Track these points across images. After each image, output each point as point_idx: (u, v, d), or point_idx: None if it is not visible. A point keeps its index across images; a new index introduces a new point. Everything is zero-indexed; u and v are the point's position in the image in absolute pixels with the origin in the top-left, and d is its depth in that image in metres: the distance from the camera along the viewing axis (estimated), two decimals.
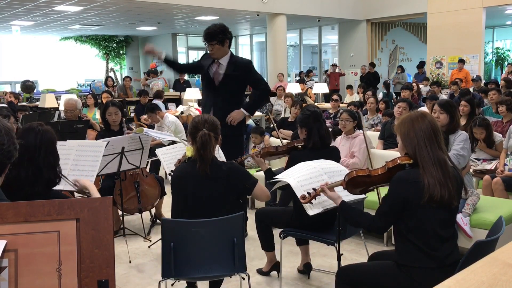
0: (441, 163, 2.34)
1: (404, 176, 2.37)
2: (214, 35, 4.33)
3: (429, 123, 2.39)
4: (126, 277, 3.88)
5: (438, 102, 4.17)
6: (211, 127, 2.84)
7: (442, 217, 2.35)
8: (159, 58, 4.87)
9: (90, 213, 1.48)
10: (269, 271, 3.78)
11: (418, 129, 2.37)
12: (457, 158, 3.86)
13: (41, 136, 2.39)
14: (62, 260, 1.43)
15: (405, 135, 2.42)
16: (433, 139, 2.37)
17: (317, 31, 18.79)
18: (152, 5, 12.22)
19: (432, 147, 2.35)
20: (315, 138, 3.49)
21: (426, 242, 2.34)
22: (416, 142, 2.37)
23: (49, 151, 2.40)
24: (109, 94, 9.25)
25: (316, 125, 3.51)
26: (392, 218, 2.41)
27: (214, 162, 2.83)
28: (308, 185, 2.86)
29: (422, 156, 2.35)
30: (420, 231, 2.34)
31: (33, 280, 1.41)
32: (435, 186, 2.28)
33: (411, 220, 2.35)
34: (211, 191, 2.81)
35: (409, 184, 2.33)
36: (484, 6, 12.83)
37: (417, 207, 2.32)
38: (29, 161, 2.32)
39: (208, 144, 2.76)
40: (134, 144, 4.38)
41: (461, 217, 3.79)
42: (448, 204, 2.32)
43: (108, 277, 1.45)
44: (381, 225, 2.45)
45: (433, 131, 2.38)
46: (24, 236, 1.43)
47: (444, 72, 13.77)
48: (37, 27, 15.74)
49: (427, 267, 2.33)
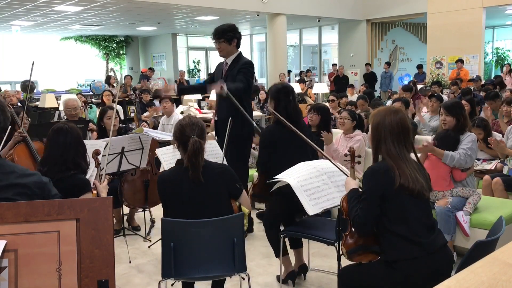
0: (407, 158, 2.41)
1: (375, 168, 2.44)
2: (222, 33, 4.37)
3: (399, 120, 2.43)
4: (126, 277, 3.88)
5: (444, 105, 4.16)
6: (200, 132, 2.80)
7: (420, 206, 2.40)
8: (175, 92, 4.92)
9: (90, 213, 1.48)
10: (285, 279, 3.64)
11: (388, 123, 2.42)
12: (465, 158, 3.87)
13: (71, 133, 2.97)
14: (62, 260, 1.44)
15: (374, 127, 2.48)
16: (400, 137, 2.41)
17: (317, 31, 18.78)
18: (152, 5, 12.22)
19: (398, 144, 2.41)
20: (282, 113, 3.45)
21: (410, 230, 2.35)
22: (382, 135, 2.42)
23: (78, 144, 2.98)
24: (110, 93, 9.24)
25: (284, 100, 3.52)
26: (373, 211, 2.38)
27: (207, 168, 2.80)
28: (308, 185, 2.86)
29: (389, 150, 2.41)
30: (402, 220, 2.37)
31: (33, 280, 1.41)
32: (407, 179, 2.35)
33: (391, 210, 2.37)
34: (204, 194, 2.79)
35: (381, 174, 2.39)
36: (484, 6, 12.82)
37: (393, 196, 2.36)
38: (61, 156, 2.90)
39: (200, 152, 2.73)
40: (134, 144, 4.38)
41: (462, 215, 3.79)
42: (420, 195, 2.38)
43: (108, 277, 1.45)
44: (363, 221, 2.40)
45: (402, 129, 2.42)
46: (24, 236, 1.43)
47: (444, 72, 13.76)
48: (37, 27, 15.74)
49: (415, 257, 2.33)
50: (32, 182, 1.91)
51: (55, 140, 2.96)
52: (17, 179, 1.88)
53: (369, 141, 2.57)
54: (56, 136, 2.97)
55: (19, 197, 1.86)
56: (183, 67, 19.74)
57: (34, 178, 1.94)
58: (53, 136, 2.99)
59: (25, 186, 1.88)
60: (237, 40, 4.44)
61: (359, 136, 4.80)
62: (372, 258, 2.56)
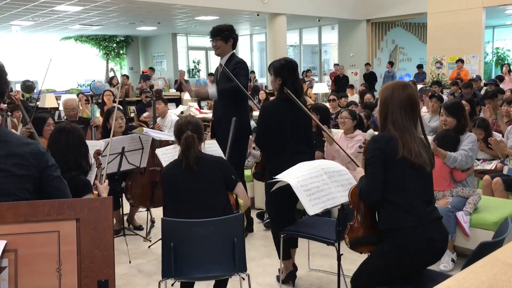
0: (413, 132, 2.43)
1: (378, 136, 2.50)
2: (220, 31, 4.43)
3: (408, 95, 2.43)
4: (126, 277, 3.88)
5: (445, 105, 4.16)
6: (194, 128, 2.96)
7: (419, 179, 2.41)
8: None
9: (90, 213, 1.47)
10: (285, 279, 3.65)
11: (396, 97, 2.43)
12: (466, 159, 3.87)
13: (73, 134, 2.97)
14: (62, 260, 1.43)
15: (382, 101, 2.49)
16: (408, 111, 2.43)
17: (317, 31, 18.78)
18: (152, 5, 12.21)
19: (406, 117, 2.42)
20: (290, 90, 3.42)
21: (406, 200, 2.38)
22: (390, 109, 2.43)
23: (80, 144, 2.99)
24: (111, 93, 9.23)
25: (291, 76, 3.48)
26: (377, 178, 2.39)
27: (202, 159, 2.93)
28: (309, 185, 2.86)
29: (395, 120, 2.42)
30: (400, 190, 2.39)
31: (33, 280, 1.41)
32: (410, 152, 2.36)
33: (391, 179, 2.39)
34: (199, 184, 2.88)
35: (385, 141, 2.41)
36: (484, 6, 12.82)
37: (394, 165, 2.38)
38: (63, 156, 2.87)
39: (192, 145, 2.89)
40: (134, 144, 4.38)
41: (462, 215, 3.79)
42: (421, 168, 2.39)
43: (108, 277, 1.45)
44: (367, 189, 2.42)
45: (411, 104, 2.43)
46: (24, 236, 1.43)
47: (444, 72, 13.76)
48: (37, 27, 15.73)
49: (408, 227, 2.37)
50: (29, 152, 1.88)
51: (57, 140, 2.96)
52: (15, 148, 1.86)
53: (377, 115, 2.58)
54: (58, 136, 2.98)
55: (16, 168, 1.84)
56: (183, 67, 19.74)
57: (30, 147, 1.90)
58: (55, 136, 3.00)
59: (21, 156, 1.86)
60: (234, 40, 4.48)
61: (360, 136, 4.80)
62: (373, 249, 2.60)
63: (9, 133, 1.92)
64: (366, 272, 2.54)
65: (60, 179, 2.00)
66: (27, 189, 1.89)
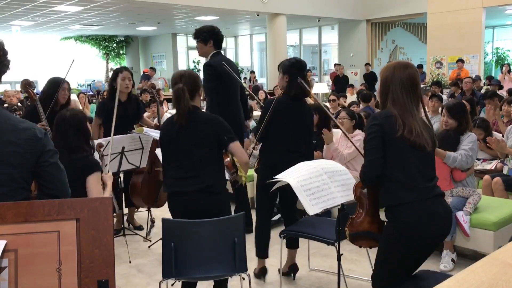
0: (414, 111, 2.38)
1: (377, 114, 2.49)
2: (199, 33, 4.46)
3: (409, 75, 2.40)
4: (126, 277, 3.88)
5: (447, 106, 4.14)
6: (187, 80, 2.91)
7: (419, 157, 2.36)
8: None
9: (90, 213, 1.47)
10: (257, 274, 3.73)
11: (397, 77, 2.39)
12: (466, 158, 3.87)
13: (71, 120, 3.01)
14: (62, 260, 1.43)
15: (382, 81, 2.46)
16: (409, 90, 2.38)
17: (317, 31, 18.78)
18: (152, 5, 12.22)
19: (407, 97, 2.38)
20: (297, 89, 3.48)
21: (406, 175, 2.34)
22: (391, 89, 2.40)
23: (78, 130, 3.02)
24: None
25: (300, 75, 3.51)
26: (376, 157, 2.38)
27: (195, 115, 2.90)
28: (308, 185, 2.86)
29: (395, 98, 2.38)
30: (399, 166, 2.35)
31: (33, 280, 1.41)
32: (411, 131, 2.32)
33: (390, 156, 2.36)
34: (191, 138, 2.87)
35: (383, 117, 2.39)
36: (484, 6, 12.82)
37: (393, 142, 2.34)
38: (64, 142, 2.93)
39: (181, 97, 2.84)
40: (134, 144, 4.38)
41: (462, 215, 3.79)
42: (422, 148, 2.35)
43: (108, 277, 1.45)
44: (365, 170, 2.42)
45: (411, 83, 2.39)
46: (24, 236, 1.43)
47: (444, 72, 13.76)
48: (37, 27, 15.74)
49: (410, 202, 2.33)
50: (24, 139, 1.86)
51: (57, 128, 3.05)
52: (11, 135, 1.84)
53: (378, 95, 2.55)
54: (57, 123, 3.06)
55: (12, 157, 1.83)
56: (183, 67, 19.73)
57: (26, 134, 1.87)
58: (55, 123, 3.08)
59: (17, 144, 1.84)
60: (214, 41, 4.45)
61: (359, 136, 4.80)
62: (372, 244, 2.60)
63: (3, 117, 1.87)
64: (380, 267, 2.48)
65: (57, 165, 1.96)
66: (24, 178, 1.88)
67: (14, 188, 1.85)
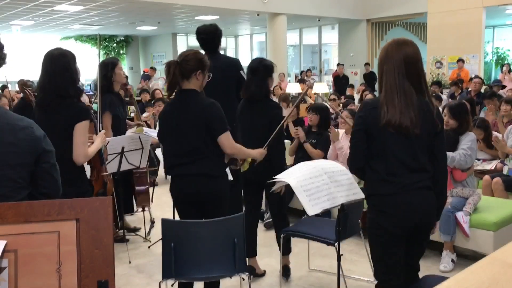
0: (406, 93, 2.29)
1: (368, 101, 2.51)
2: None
3: (406, 54, 2.33)
4: (126, 277, 3.88)
5: (449, 106, 4.13)
6: (183, 59, 2.86)
7: (406, 144, 2.31)
8: None
9: (90, 213, 1.48)
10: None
11: (391, 56, 2.35)
12: (465, 158, 3.87)
13: (58, 60, 2.85)
14: (62, 260, 1.43)
15: (379, 62, 2.48)
16: (402, 70, 2.31)
17: (317, 31, 18.78)
18: (152, 5, 12.22)
19: (401, 75, 2.31)
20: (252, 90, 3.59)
21: (386, 168, 2.34)
22: (385, 69, 2.36)
23: (65, 70, 2.84)
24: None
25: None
26: (359, 146, 2.39)
27: (191, 96, 2.89)
28: (308, 185, 2.86)
29: (388, 82, 2.33)
30: (381, 157, 2.35)
31: (33, 280, 1.41)
32: (395, 113, 2.26)
33: (373, 146, 2.37)
34: (186, 121, 2.85)
35: (368, 109, 2.38)
36: (484, 6, 12.82)
37: (377, 133, 2.33)
38: (49, 83, 2.83)
39: (169, 72, 2.82)
40: (134, 144, 4.38)
41: (462, 215, 3.79)
42: (407, 131, 2.27)
43: (108, 277, 1.45)
44: (350, 157, 2.46)
45: (406, 63, 2.32)
46: (24, 237, 1.43)
47: (444, 72, 13.76)
48: (37, 27, 15.74)
49: (387, 194, 2.34)
50: (23, 139, 1.86)
51: (43, 67, 2.89)
52: (10, 135, 1.84)
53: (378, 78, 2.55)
54: (44, 63, 2.89)
55: (11, 158, 1.83)
56: None
57: (25, 133, 1.87)
58: (42, 62, 2.90)
59: (15, 145, 1.84)
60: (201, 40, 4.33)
61: None
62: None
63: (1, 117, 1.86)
64: (374, 259, 2.52)
65: (55, 166, 1.99)
66: (23, 177, 1.89)
67: (14, 188, 1.86)
